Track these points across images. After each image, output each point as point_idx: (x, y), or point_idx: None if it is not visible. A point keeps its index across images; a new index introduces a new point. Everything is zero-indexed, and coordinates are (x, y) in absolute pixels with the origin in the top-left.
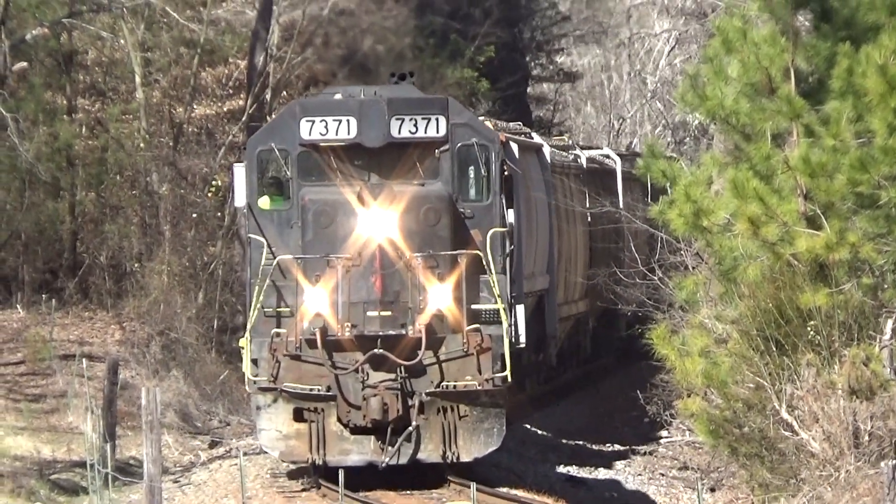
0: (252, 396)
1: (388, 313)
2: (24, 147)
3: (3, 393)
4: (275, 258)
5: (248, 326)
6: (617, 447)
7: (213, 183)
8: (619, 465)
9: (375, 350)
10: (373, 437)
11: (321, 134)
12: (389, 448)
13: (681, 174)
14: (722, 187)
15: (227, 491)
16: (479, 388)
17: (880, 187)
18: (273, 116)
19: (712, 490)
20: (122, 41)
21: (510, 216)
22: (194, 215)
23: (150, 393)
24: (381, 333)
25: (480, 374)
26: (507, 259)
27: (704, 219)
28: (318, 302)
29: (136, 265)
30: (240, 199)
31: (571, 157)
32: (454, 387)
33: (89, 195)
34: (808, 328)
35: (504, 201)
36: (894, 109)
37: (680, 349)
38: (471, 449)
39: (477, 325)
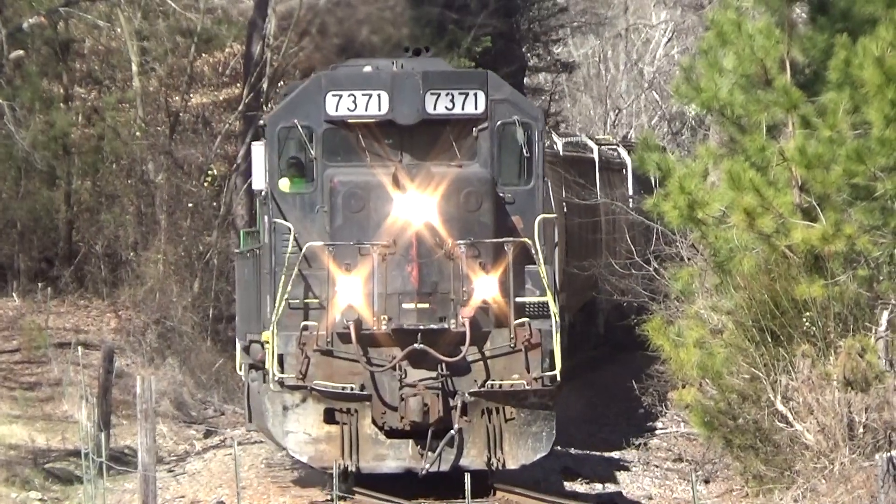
0: (270, 395)
1: (426, 305)
2: (21, 135)
3: None
4: (298, 245)
5: (274, 319)
6: (611, 438)
7: (210, 172)
8: (613, 456)
9: (416, 345)
10: (411, 442)
11: (349, 109)
12: (429, 453)
13: (675, 166)
14: (718, 179)
15: (222, 480)
16: (527, 387)
17: (876, 179)
18: (271, 105)
19: (706, 482)
20: (118, 30)
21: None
22: (190, 205)
23: (145, 382)
24: (420, 327)
25: (529, 372)
26: (556, 248)
27: (699, 211)
28: (351, 292)
29: (131, 254)
30: (258, 181)
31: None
32: (500, 386)
33: (85, 184)
34: (804, 319)
35: (549, 185)
36: (891, 101)
37: (675, 340)
38: (517, 455)
39: (525, 319)
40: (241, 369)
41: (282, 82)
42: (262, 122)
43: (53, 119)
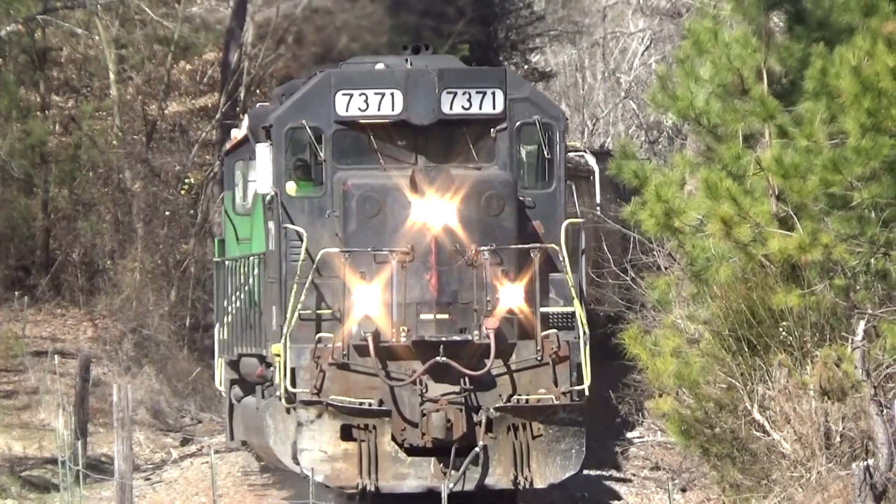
0: (273, 412)
1: (445, 316)
2: None
3: None
4: (307, 252)
5: (286, 331)
6: (588, 446)
7: (186, 180)
8: (590, 464)
9: (438, 358)
10: (433, 460)
11: (360, 109)
12: (453, 472)
13: (652, 175)
14: (695, 188)
15: (199, 489)
16: (556, 402)
17: (853, 188)
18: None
19: (683, 490)
20: (96, 38)
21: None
22: (167, 213)
23: (121, 390)
24: (443, 339)
25: (557, 386)
26: (583, 255)
27: (676, 219)
28: (368, 302)
29: (108, 262)
30: (264, 185)
31: None
32: (527, 401)
33: (62, 192)
34: (780, 329)
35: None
36: (868, 110)
37: (652, 349)
38: (545, 473)
39: (553, 330)
40: (221, 384)
41: (258, 91)
42: (268, 122)
43: (30, 127)
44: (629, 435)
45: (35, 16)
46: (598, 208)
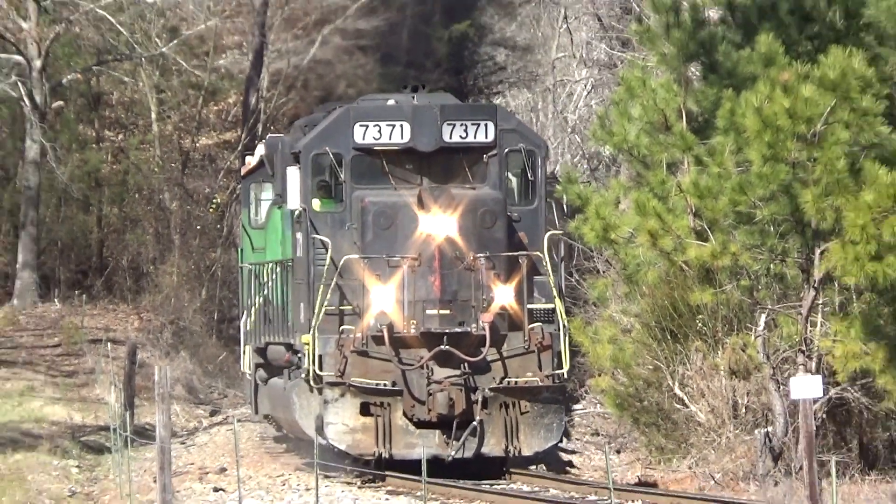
0: (299, 391)
1: (447, 312)
2: (61, 171)
3: (44, 370)
4: (331, 258)
5: (314, 324)
6: None
7: (214, 200)
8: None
9: (442, 347)
10: (437, 432)
11: (374, 138)
12: (455, 442)
13: (592, 196)
14: (627, 207)
15: (224, 451)
16: (540, 384)
17: (756, 207)
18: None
19: (618, 452)
20: (140, 84)
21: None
22: (199, 227)
23: (161, 371)
24: (446, 331)
25: (541, 370)
26: (562, 262)
27: (612, 232)
28: (383, 300)
29: (151, 267)
30: (293, 202)
31: None
32: (516, 383)
33: (113, 210)
34: (697, 321)
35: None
36: (767, 143)
37: (593, 337)
38: (532, 443)
39: (538, 323)
40: (248, 368)
41: (272, 127)
42: (297, 149)
43: (87, 157)
44: (574, 407)
45: (91, 67)
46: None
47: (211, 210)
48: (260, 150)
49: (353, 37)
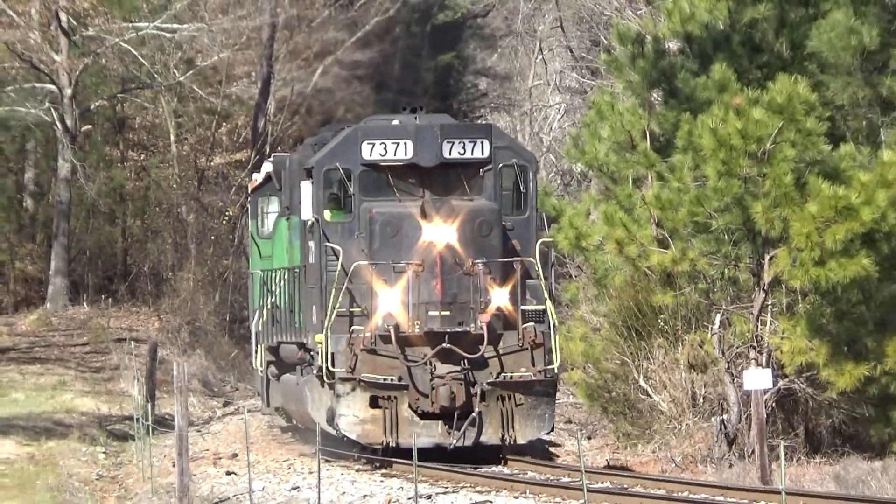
0: (311, 385)
1: (447, 313)
2: (89, 187)
3: (74, 366)
4: (341, 265)
5: (327, 325)
6: None
7: (227, 213)
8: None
9: (444, 344)
10: (440, 422)
11: (381, 155)
12: (456, 432)
13: (566, 208)
14: (597, 217)
15: (236, 438)
16: (533, 378)
17: (712, 217)
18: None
19: (589, 438)
20: (160, 110)
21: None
22: (213, 237)
23: (179, 366)
24: (448, 330)
25: (534, 366)
26: (552, 267)
27: (584, 241)
28: (390, 302)
29: (170, 273)
30: (306, 213)
31: None
32: (511, 377)
33: (136, 222)
34: (659, 320)
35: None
36: (722, 160)
37: (566, 335)
38: (526, 433)
39: (531, 323)
40: (260, 365)
41: (279, 148)
42: (310, 165)
43: (113, 175)
44: None
45: (116, 94)
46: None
47: (224, 222)
48: (266, 167)
49: (351, 67)
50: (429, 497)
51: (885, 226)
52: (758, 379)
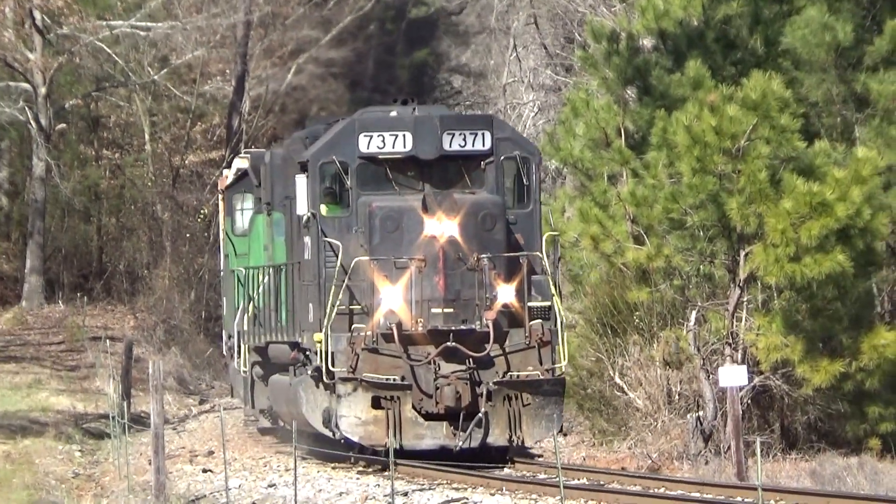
0: (305, 385)
1: (451, 310)
2: (64, 186)
3: (49, 364)
4: (341, 262)
5: (326, 323)
6: None
7: (202, 211)
8: None
9: (448, 343)
10: (445, 423)
11: (378, 147)
12: (461, 433)
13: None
14: (572, 214)
15: (212, 435)
16: (541, 377)
17: (687, 214)
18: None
19: (565, 435)
20: (135, 108)
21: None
22: (188, 235)
23: (155, 364)
24: (452, 328)
25: (542, 364)
26: (559, 261)
27: (559, 237)
28: (391, 299)
29: (145, 271)
30: (302, 207)
31: None
32: (518, 377)
33: (111, 220)
34: (635, 317)
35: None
36: (696, 157)
37: None
38: (533, 433)
39: (538, 320)
40: (244, 365)
41: (253, 146)
42: (304, 158)
43: (87, 173)
44: None
45: (90, 93)
46: None
47: (199, 220)
48: (238, 163)
49: (325, 65)
50: (405, 494)
51: (860, 222)
52: (733, 376)
